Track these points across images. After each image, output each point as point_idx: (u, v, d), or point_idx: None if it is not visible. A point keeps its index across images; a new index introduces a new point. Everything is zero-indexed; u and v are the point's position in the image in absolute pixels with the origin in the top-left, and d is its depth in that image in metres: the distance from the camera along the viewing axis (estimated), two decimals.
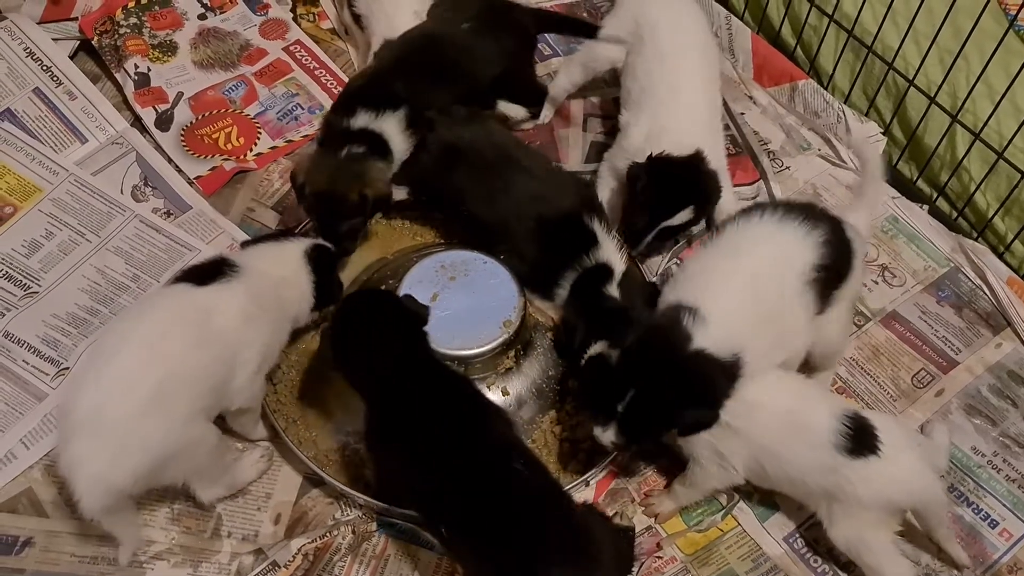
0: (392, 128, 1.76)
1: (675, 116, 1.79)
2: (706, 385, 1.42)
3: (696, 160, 1.74)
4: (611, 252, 1.70)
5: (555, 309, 1.74)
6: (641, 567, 1.55)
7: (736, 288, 1.49)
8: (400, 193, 1.80)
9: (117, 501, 1.37)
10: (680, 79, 1.82)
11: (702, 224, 1.85)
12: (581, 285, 1.68)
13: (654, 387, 1.40)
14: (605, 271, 1.68)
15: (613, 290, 1.67)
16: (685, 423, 1.44)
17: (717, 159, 1.81)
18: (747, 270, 1.50)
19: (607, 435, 1.43)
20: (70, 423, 1.33)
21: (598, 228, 1.71)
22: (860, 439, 1.45)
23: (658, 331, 1.47)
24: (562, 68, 2.10)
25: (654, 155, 1.73)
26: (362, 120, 1.73)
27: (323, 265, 1.59)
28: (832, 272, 1.54)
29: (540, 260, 1.72)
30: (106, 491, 1.33)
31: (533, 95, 2.08)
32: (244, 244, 1.64)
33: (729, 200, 1.88)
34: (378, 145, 1.74)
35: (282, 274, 1.54)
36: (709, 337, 1.42)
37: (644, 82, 1.84)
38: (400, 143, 1.77)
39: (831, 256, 1.53)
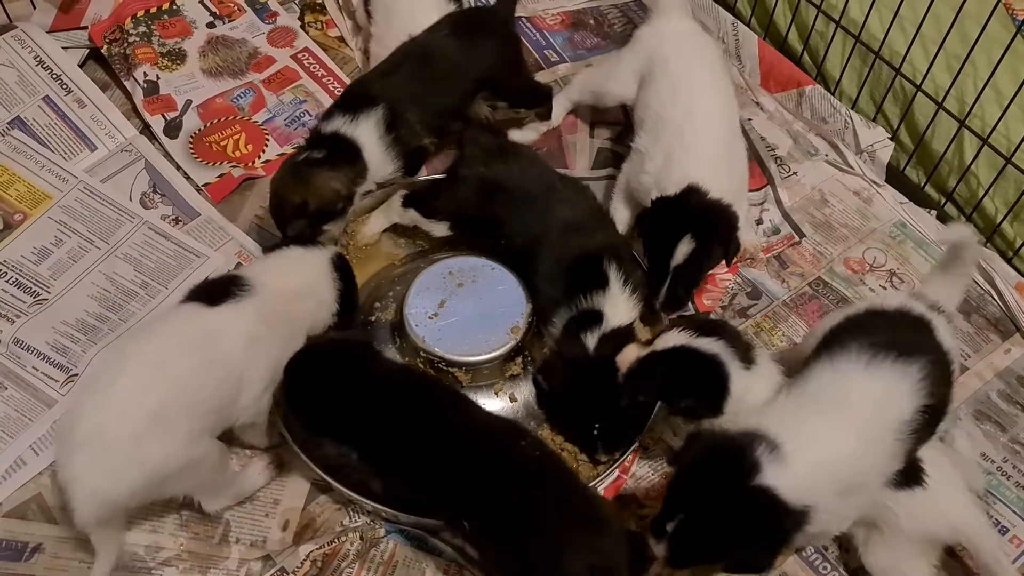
0: (367, 134, 1.75)
1: (689, 149, 1.74)
2: (761, 529, 1.26)
3: (687, 193, 1.67)
4: (615, 302, 1.62)
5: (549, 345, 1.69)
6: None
7: (838, 438, 1.32)
8: (442, 229, 1.79)
9: (111, 515, 1.38)
10: (694, 114, 1.78)
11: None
12: (569, 327, 1.62)
13: (704, 517, 1.27)
14: (594, 318, 1.60)
15: (591, 339, 1.59)
16: (732, 564, 1.30)
17: (736, 187, 1.78)
18: (853, 422, 1.34)
19: (659, 549, 1.31)
20: (71, 440, 1.34)
21: (614, 275, 1.63)
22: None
23: (723, 454, 1.30)
24: (576, 82, 2.10)
25: (653, 199, 1.70)
26: (335, 124, 1.74)
27: (348, 273, 1.60)
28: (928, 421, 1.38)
29: (548, 291, 1.67)
30: (101, 504, 1.34)
31: (534, 95, 2.06)
32: (267, 249, 1.64)
33: (744, 218, 1.89)
34: (345, 151, 1.73)
35: (300, 285, 1.54)
36: (783, 477, 1.25)
37: (658, 112, 1.81)
38: (376, 151, 1.75)
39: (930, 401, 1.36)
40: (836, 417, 1.34)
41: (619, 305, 1.62)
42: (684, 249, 1.64)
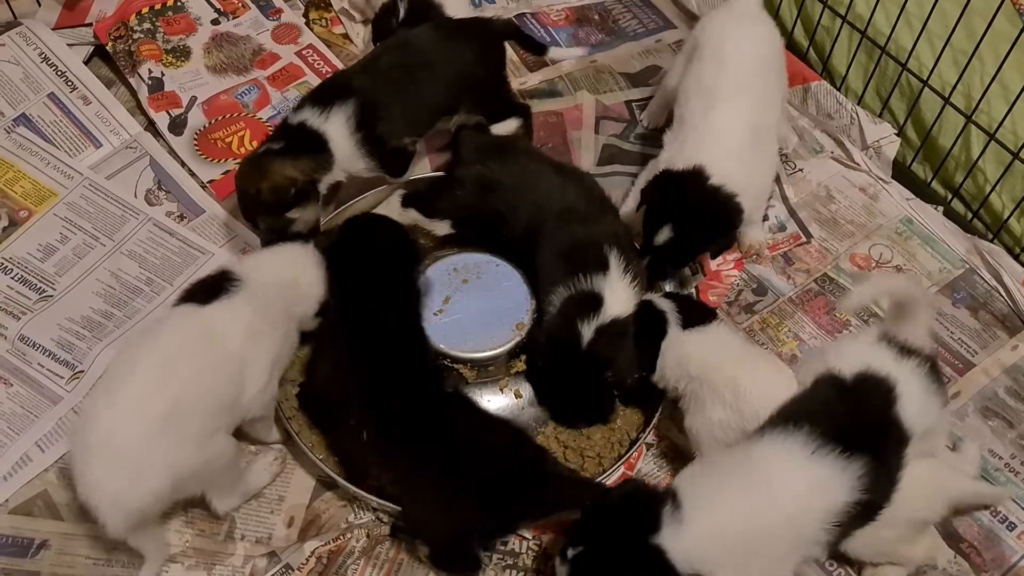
0: (337, 127, 1.71)
1: (706, 146, 1.71)
2: None
3: (690, 174, 1.65)
4: (615, 288, 1.58)
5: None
6: None
7: (739, 512, 1.29)
8: (444, 227, 1.78)
9: (140, 521, 1.38)
10: (719, 111, 1.73)
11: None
12: (565, 307, 1.60)
13: (601, 559, 1.29)
14: (594, 301, 1.57)
15: (588, 327, 1.55)
16: None
17: (756, 191, 1.76)
18: (761, 505, 1.30)
19: (561, 571, 1.33)
20: (86, 449, 1.34)
21: (614, 259, 1.60)
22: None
23: (631, 505, 1.33)
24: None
25: (661, 169, 1.69)
26: (302, 116, 1.71)
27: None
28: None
29: (548, 275, 1.65)
30: (127, 514, 1.34)
31: (511, 111, 1.97)
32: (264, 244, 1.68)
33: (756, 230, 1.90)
34: (308, 142, 1.70)
35: (290, 277, 1.55)
36: (677, 540, 1.25)
37: (684, 107, 1.78)
38: (346, 144, 1.72)
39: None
40: (753, 493, 1.30)
41: (618, 291, 1.59)
42: (664, 235, 1.66)
